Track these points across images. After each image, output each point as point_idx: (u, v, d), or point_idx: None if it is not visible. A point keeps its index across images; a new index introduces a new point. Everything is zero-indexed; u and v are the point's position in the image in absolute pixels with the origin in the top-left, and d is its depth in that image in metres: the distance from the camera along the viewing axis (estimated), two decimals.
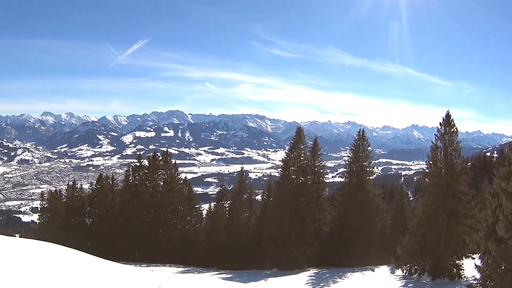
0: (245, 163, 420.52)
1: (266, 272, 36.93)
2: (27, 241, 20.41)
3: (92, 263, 17.70)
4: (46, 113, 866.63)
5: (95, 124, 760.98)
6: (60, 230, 50.87)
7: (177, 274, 33.50)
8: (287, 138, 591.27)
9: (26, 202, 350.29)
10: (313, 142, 40.68)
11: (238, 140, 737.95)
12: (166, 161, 50.24)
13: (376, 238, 37.37)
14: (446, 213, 25.69)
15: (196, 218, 50.92)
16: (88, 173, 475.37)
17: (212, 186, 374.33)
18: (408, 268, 28.30)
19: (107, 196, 51.56)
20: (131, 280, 16.55)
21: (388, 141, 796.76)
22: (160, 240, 46.66)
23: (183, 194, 50.33)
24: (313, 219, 38.02)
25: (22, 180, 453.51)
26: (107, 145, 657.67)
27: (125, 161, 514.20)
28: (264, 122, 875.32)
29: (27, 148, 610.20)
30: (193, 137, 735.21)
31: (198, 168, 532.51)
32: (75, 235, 48.13)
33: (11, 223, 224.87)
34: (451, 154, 26.55)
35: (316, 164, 39.93)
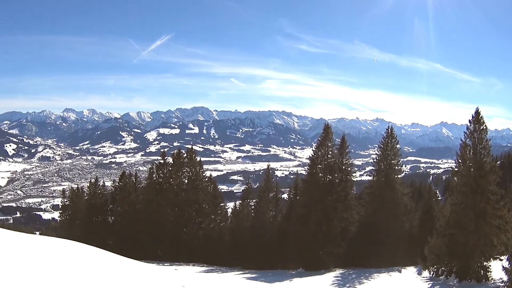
0: (272, 160, 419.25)
1: (291, 272, 37.15)
2: (48, 239, 20.70)
3: (114, 262, 17.96)
4: (68, 109, 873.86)
5: (118, 120, 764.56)
6: (82, 228, 51.57)
7: (201, 273, 33.75)
8: (314, 135, 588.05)
9: (46, 199, 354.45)
10: (340, 140, 40.49)
11: (265, 137, 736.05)
12: (191, 158, 50.29)
13: (404, 238, 37.23)
14: (475, 213, 25.77)
15: (221, 217, 50.94)
16: (110, 170, 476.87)
17: (238, 184, 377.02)
18: (435, 270, 28.36)
19: (130, 194, 51.85)
20: (154, 279, 16.85)
21: (416, 139, 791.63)
22: (183, 238, 46.74)
23: (208, 192, 50.33)
24: (340, 219, 37.95)
25: (43, 177, 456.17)
26: (130, 142, 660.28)
27: (149, 158, 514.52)
28: (291, 119, 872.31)
29: (48, 145, 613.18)
30: (218, 134, 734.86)
31: (223, 166, 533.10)
32: (97, 233, 49.11)
33: (31, 220, 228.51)
34: (480, 152, 26.54)
35: (343, 162, 39.71)
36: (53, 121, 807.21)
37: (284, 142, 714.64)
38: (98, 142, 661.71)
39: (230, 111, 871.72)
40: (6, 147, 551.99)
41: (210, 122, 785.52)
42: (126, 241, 46.68)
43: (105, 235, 50.96)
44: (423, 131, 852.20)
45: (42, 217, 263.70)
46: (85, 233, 47.26)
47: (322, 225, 36.64)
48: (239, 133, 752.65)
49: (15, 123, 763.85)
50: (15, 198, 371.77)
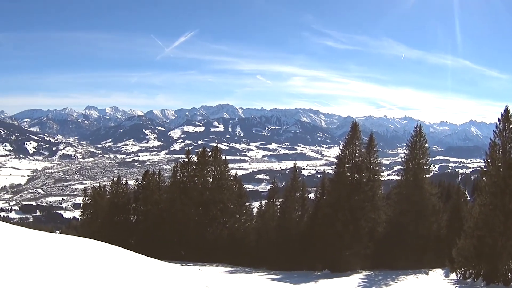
0: (298, 159, 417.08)
1: (317, 273, 37.19)
2: (69, 238, 21.08)
3: (137, 261, 18.24)
4: (90, 107, 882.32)
5: (141, 118, 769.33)
6: (103, 226, 52.42)
7: (225, 274, 34.01)
8: (342, 133, 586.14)
9: (67, 198, 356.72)
10: (368, 138, 40.52)
11: (291, 135, 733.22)
12: (216, 156, 50.53)
13: (431, 240, 37.46)
14: (504, 214, 25.67)
15: (246, 216, 50.96)
16: (133, 168, 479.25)
17: (263, 183, 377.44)
18: (463, 272, 28.26)
19: (154, 193, 52.42)
20: (178, 280, 17.06)
21: (445, 138, 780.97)
22: (207, 238, 47.08)
23: (233, 191, 50.51)
24: (367, 219, 38.15)
25: (64, 176, 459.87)
26: (153, 140, 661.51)
27: (173, 156, 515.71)
28: (318, 117, 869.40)
29: (69, 143, 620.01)
30: (244, 132, 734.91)
31: (249, 165, 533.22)
32: (119, 232, 49.95)
33: (52, 219, 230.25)
34: (509, 151, 26.42)
35: (371, 161, 39.86)
36: (75, 118, 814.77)
37: (311, 140, 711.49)
38: (121, 140, 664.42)
39: (256, 108, 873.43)
40: (27, 145, 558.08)
41: (235, 120, 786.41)
42: (148, 241, 47.31)
43: (127, 234, 51.72)
44: (451, 129, 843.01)
45: (63, 215, 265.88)
46: (107, 232, 47.89)
47: (349, 225, 36.97)
48: (265, 131, 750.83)
49: (36, 120, 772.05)
50: (35, 196, 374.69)
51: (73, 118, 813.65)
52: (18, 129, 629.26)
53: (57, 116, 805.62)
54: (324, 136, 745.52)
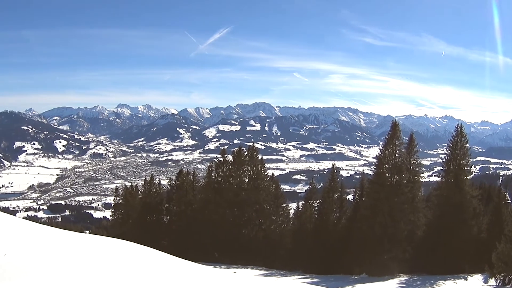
0: (336, 159, 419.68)
1: (354, 277, 37.28)
2: (99, 238, 21.57)
3: (170, 263, 18.59)
4: (122, 105, 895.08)
5: (175, 116, 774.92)
6: (135, 227, 53.06)
7: (260, 277, 34.38)
8: (381, 133, 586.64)
9: (98, 197, 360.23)
10: (408, 138, 40.30)
11: (329, 135, 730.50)
12: (252, 156, 50.67)
13: (471, 244, 37.23)
14: None
15: (283, 218, 51.01)
16: (167, 168, 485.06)
17: (301, 184, 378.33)
18: (502, 278, 28.17)
19: (188, 193, 53.08)
20: (212, 283, 17.44)
21: (486, 138, 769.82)
22: (242, 240, 47.39)
23: (269, 192, 50.57)
24: (407, 221, 37.80)
25: (94, 175, 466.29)
26: (188, 139, 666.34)
27: (207, 156, 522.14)
28: (357, 116, 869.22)
29: (100, 141, 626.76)
30: (281, 131, 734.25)
31: (286, 165, 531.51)
32: (151, 233, 50.48)
33: (81, 219, 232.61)
34: None
35: (411, 162, 39.42)
36: (106, 117, 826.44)
37: (350, 140, 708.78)
38: (154, 139, 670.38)
39: (293, 107, 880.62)
40: (56, 143, 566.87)
41: (272, 119, 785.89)
42: (181, 242, 47.88)
43: (160, 235, 52.38)
44: (493, 129, 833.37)
45: (93, 215, 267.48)
46: (138, 233, 48.62)
47: (388, 228, 36.88)
48: (302, 131, 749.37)
49: (66, 119, 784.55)
50: (64, 195, 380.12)
51: (104, 116, 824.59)
52: (47, 127, 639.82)
53: (88, 114, 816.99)
54: (363, 135, 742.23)
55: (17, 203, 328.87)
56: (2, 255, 12.63)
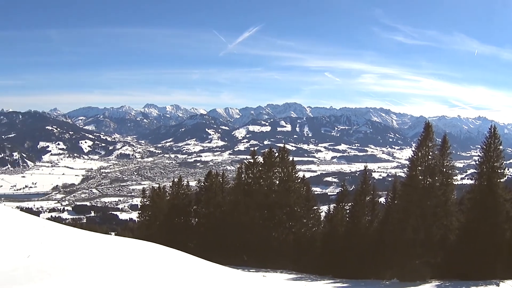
0: (369, 161, 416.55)
1: (385, 282, 37.30)
2: (126, 240, 21.78)
3: (198, 266, 18.92)
4: (149, 105, 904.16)
5: (204, 117, 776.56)
6: (162, 229, 53.68)
7: (290, 281, 34.76)
8: (414, 134, 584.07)
9: (124, 199, 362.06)
10: (442, 140, 40.08)
11: (361, 136, 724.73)
12: (283, 158, 50.84)
13: (504, 248, 36.94)
14: None
15: (314, 221, 51.18)
16: (195, 169, 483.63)
17: (332, 186, 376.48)
18: None
19: (216, 195, 53.44)
20: (242, 286, 17.50)
21: None
22: (272, 243, 47.43)
23: (300, 194, 50.62)
24: (439, 225, 37.75)
25: (121, 176, 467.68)
26: (217, 140, 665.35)
27: (237, 157, 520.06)
28: (389, 117, 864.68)
29: (127, 142, 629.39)
30: (312, 132, 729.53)
31: (317, 166, 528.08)
32: (178, 235, 50.86)
33: (107, 220, 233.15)
34: None
35: (444, 164, 39.16)
36: (133, 117, 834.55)
37: (382, 141, 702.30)
38: (182, 140, 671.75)
39: (324, 107, 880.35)
40: (81, 143, 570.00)
41: (303, 120, 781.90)
42: (209, 245, 48.06)
43: (187, 237, 52.69)
44: None
45: (119, 217, 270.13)
46: (165, 235, 49.33)
47: (420, 232, 36.82)
48: (334, 131, 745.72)
49: (91, 119, 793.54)
50: (89, 196, 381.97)
51: (131, 117, 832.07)
52: (72, 127, 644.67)
53: (114, 114, 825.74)
54: (396, 137, 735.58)
55: (41, 204, 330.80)
56: (26, 256, 12.86)
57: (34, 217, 23.89)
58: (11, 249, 13.91)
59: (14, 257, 12.96)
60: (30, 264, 12.45)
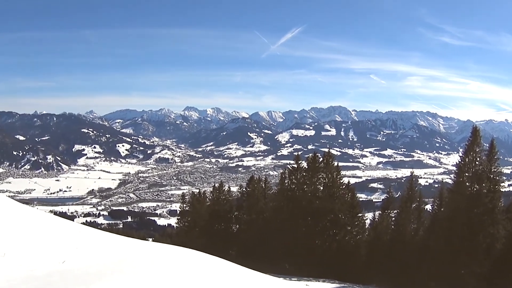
0: (415, 167, 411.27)
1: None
2: (164, 246, 21.98)
3: (240, 274, 19.12)
4: (189, 108, 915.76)
5: (246, 120, 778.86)
6: (201, 235, 53.79)
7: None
8: (461, 139, 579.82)
9: (163, 204, 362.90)
10: (489, 145, 39.76)
11: (408, 140, 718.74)
12: (328, 163, 50.12)
13: None
14: None
15: (358, 229, 50.49)
16: (237, 174, 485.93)
17: (377, 193, 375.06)
18: None
19: (259, 201, 53.51)
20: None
21: None
22: (315, 251, 47.17)
23: (345, 201, 49.93)
24: (486, 234, 37.45)
25: (159, 180, 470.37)
26: (259, 144, 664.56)
27: (280, 162, 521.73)
28: (436, 121, 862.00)
29: (166, 145, 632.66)
30: (357, 137, 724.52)
31: (362, 172, 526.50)
32: (218, 242, 50.76)
33: (144, 226, 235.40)
34: None
35: (492, 170, 38.84)
36: (173, 120, 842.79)
37: (429, 146, 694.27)
38: (224, 144, 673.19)
39: (370, 111, 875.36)
40: (119, 147, 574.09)
41: (348, 123, 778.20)
42: (250, 252, 47.93)
43: (228, 244, 52.89)
44: None
45: (157, 222, 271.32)
46: (205, 241, 49.60)
47: (466, 241, 36.73)
48: (380, 136, 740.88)
49: (129, 122, 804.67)
50: (126, 201, 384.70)
51: (171, 120, 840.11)
52: (109, 130, 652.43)
53: (153, 117, 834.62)
54: (443, 141, 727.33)
55: (75, 208, 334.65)
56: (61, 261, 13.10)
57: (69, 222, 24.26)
58: (46, 254, 13.95)
59: (49, 263, 12.94)
60: (65, 269, 12.56)
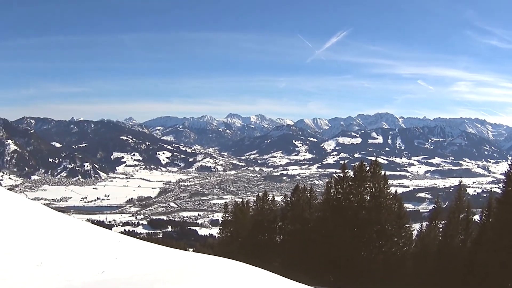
0: (463, 176, 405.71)
1: None
2: (206, 257, 22.09)
3: (284, 286, 19.00)
4: (232, 115, 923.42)
5: (291, 128, 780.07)
6: (244, 246, 53.91)
7: None
8: (510, 147, 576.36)
9: (204, 213, 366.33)
10: None
11: (456, 148, 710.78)
12: (375, 172, 49.68)
13: None
14: None
15: (405, 240, 49.86)
16: (281, 183, 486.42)
17: (425, 203, 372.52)
18: None
19: (304, 211, 53.18)
20: None
21: None
22: (360, 263, 46.86)
23: (392, 211, 49.33)
24: None
25: (201, 189, 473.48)
26: (304, 152, 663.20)
27: (326, 171, 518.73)
28: (484, 128, 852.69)
29: (208, 153, 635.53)
30: (404, 145, 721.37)
31: (409, 181, 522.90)
32: (262, 253, 50.77)
33: (185, 236, 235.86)
34: None
35: None
36: (215, 127, 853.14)
37: (477, 154, 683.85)
38: (268, 152, 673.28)
39: (418, 118, 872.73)
40: (159, 155, 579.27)
41: (395, 131, 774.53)
42: (294, 263, 47.58)
43: (271, 255, 52.74)
44: None
45: (198, 232, 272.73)
46: (247, 252, 49.32)
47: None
48: (428, 144, 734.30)
49: (170, 129, 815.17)
50: (166, 210, 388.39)
51: (213, 127, 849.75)
52: (149, 137, 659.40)
53: (195, 124, 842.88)
54: (491, 149, 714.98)
55: (114, 217, 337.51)
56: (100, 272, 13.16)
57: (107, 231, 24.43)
58: (84, 264, 14.17)
59: (87, 273, 13.17)
60: (105, 279, 12.67)
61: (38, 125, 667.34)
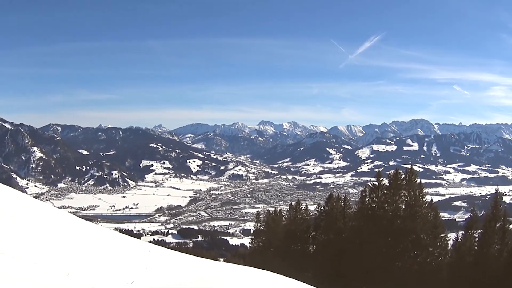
0: (500, 183, 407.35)
1: None
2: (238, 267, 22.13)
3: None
4: (264, 122, 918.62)
5: (324, 135, 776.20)
6: (276, 256, 53.75)
7: None
8: None
9: (236, 223, 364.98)
10: None
11: (492, 155, 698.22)
12: (410, 180, 48.87)
13: None
14: None
15: (440, 250, 49.02)
16: (314, 192, 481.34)
17: (461, 212, 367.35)
18: None
19: (337, 220, 52.87)
20: None
21: None
22: (394, 273, 46.46)
23: (427, 220, 48.53)
24: None
25: (232, 198, 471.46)
26: (338, 160, 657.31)
27: (360, 179, 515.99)
28: None
29: (240, 161, 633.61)
30: (440, 152, 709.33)
31: (445, 189, 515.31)
32: (294, 264, 49.89)
33: (215, 245, 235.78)
34: None
35: None
36: (247, 135, 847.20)
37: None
38: (301, 160, 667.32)
39: (453, 124, 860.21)
40: (189, 163, 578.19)
41: (431, 138, 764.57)
42: (327, 274, 47.67)
43: (304, 266, 52.28)
44: None
45: (229, 242, 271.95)
46: (279, 262, 48.78)
47: None
48: (463, 151, 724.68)
49: (200, 136, 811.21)
50: (197, 220, 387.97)
51: (245, 134, 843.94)
52: (179, 145, 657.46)
53: (226, 131, 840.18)
54: None
55: (143, 226, 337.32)
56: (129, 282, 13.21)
57: (137, 240, 24.59)
58: (113, 274, 14.41)
59: (116, 283, 13.35)
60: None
61: (64, 132, 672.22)
